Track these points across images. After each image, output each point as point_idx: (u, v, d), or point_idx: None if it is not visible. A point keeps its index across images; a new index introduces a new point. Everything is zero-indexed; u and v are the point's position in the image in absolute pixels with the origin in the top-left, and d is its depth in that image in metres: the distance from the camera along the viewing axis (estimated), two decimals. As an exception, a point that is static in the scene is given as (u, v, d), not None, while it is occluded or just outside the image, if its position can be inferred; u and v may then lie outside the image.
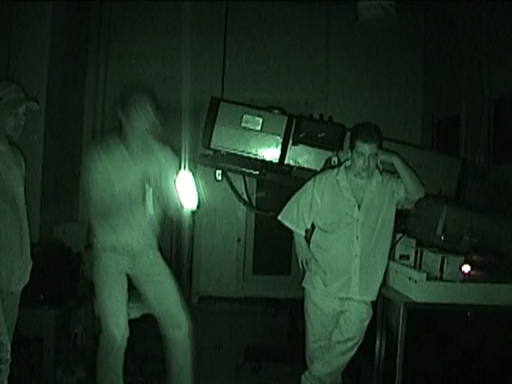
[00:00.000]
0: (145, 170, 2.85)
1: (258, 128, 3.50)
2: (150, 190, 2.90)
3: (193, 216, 3.24)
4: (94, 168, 2.81)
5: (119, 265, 2.89)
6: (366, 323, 3.04)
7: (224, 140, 3.47)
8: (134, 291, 3.03)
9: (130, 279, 2.99)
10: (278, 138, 3.51)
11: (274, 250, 6.04)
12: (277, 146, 3.52)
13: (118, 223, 2.85)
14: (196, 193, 3.04)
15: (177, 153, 3.05)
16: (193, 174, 3.10)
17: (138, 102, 2.76)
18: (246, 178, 4.20)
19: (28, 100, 2.51)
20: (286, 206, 3.17)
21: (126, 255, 2.89)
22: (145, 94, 2.81)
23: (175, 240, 5.90)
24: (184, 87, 4.87)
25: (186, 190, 2.96)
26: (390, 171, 3.08)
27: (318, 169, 3.47)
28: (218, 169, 3.62)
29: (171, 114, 3.82)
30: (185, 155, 3.14)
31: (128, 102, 2.78)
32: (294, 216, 3.11)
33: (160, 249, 3.06)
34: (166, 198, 2.90)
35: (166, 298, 2.97)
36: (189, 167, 3.07)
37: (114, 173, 2.82)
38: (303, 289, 3.16)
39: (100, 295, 2.89)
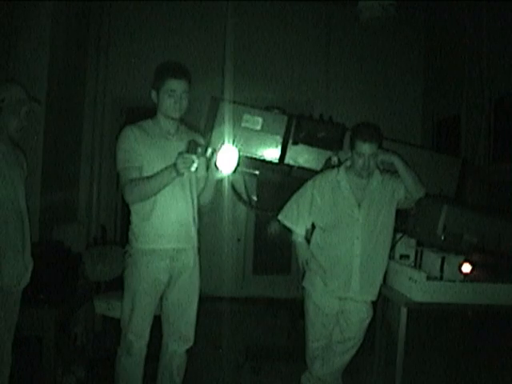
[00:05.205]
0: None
1: (258, 128, 3.50)
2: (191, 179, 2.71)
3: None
4: (130, 147, 2.58)
5: (156, 272, 2.67)
6: (366, 323, 3.04)
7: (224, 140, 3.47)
8: None
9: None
10: (278, 137, 3.51)
11: (274, 250, 6.04)
12: (277, 146, 3.52)
13: (159, 213, 2.63)
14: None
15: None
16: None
17: (168, 88, 2.60)
18: (246, 177, 4.21)
19: (30, 101, 2.51)
20: (286, 206, 3.17)
21: (165, 257, 2.67)
22: (177, 78, 2.61)
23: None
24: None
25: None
26: (390, 171, 3.09)
27: (318, 169, 3.47)
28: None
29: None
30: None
31: (159, 87, 2.62)
32: (294, 216, 3.11)
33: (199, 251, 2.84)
34: (201, 188, 2.78)
35: (185, 310, 2.78)
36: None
37: (152, 152, 2.61)
38: (303, 289, 3.16)
39: (127, 303, 2.69)
